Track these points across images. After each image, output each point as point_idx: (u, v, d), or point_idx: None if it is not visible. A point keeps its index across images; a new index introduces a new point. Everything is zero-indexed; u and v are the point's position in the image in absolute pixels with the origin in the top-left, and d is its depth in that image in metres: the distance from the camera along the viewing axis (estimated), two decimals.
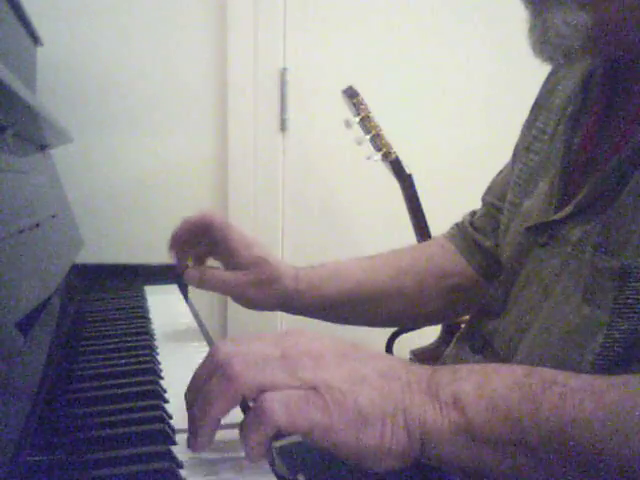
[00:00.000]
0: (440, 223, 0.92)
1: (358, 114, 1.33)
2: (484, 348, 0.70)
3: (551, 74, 0.75)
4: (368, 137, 1.33)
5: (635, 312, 0.50)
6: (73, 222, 1.10)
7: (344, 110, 1.36)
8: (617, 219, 0.53)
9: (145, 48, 1.56)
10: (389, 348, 1.47)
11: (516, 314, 0.65)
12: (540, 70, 0.69)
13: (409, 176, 1.34)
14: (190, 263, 0.84)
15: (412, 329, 1.44)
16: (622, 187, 0.54)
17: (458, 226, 0.88)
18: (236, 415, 0.47)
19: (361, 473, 0.47)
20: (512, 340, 0.64)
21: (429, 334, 1.43)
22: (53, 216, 0.87)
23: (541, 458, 0.43)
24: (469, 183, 1.08)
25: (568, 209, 0.59)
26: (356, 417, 0.44)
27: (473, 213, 0.87)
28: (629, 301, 0.51)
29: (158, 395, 0.60)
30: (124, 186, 1.59)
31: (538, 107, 0.75)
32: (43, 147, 1.03)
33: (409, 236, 1.35)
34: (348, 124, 1.34)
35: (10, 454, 0.42)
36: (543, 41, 0.57)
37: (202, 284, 0.80)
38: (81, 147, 1.41)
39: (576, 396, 0.43)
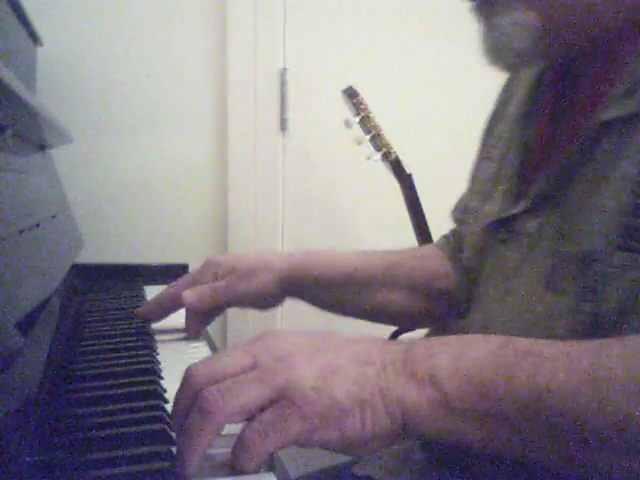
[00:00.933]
0: (440, 223, 0.92)
1: (358, 114, 1.33)
2: None
3: (506, 85, 0.78)
4: (368, 137, 1.33)
5: (598, 295, 0.52)
6: (73, 222, 1.10)
7: (344, 110, 1.36)
8: (572, 207, 0.55)
9: (145, 48, 1.56)
10: None
11: (481, 311, 0.66)
12: None
13: (409, 176, 1.34)
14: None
15: (410, 330, 1.43)
16: (575, 179, 0.56)
17: (445, 237, 0.90)
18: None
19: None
20: None
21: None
22: (53, 216, 0.87)
23: (518, 428, 0.44)
24: None
25: (524, 203, 0.61)
26: (335, 413, 0.44)
27: (452, 230, 0.90)
28: (592, 284, 0.52)
29: (158, 395, 0.59)
30: (124, 186, 1.59)
31: (495, 117, 0.78)
32: (43, 147, 1.03)
33: (409, 236, 1.35)
34: (348, 124, 1.34)
35: (10, 454, 0.42)
36: (495, 45, 0.60)
37: (204, 307, 0.78)
38: (81, 147, 1.42)
39: (550, 365, 0.43)
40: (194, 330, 0.80)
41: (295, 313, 1.35)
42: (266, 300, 0.81)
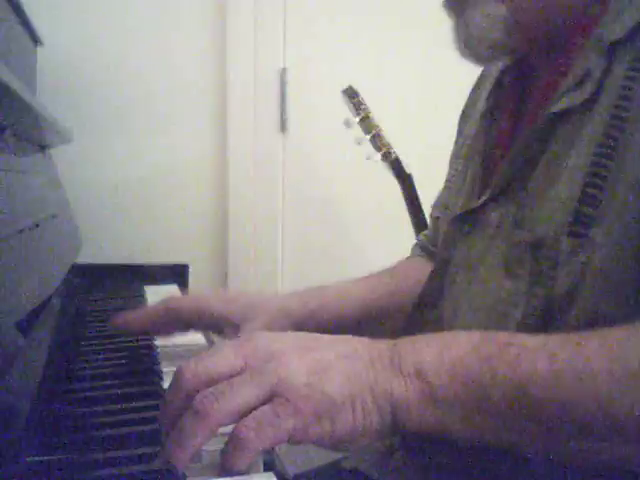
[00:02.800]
0: None
1: (358, 114, 1.33)
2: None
3: (474, 88, 0.81)
4: (368, 137, 1.33)
5: (550, 279, 0.54)
6: (73, 222, 1.10)
7: (344, 110, 1.36)
8: (529, 198, 0.58)
9: (145, 48, 1.56)
10: None
11: (450, 301, 0.67)
12: None
13: (409, 176, 1.34)
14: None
15: None
16: (532, 168, 0.58)
17: (417, 245, 0.91)
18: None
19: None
20: (449, 325, 0.66)
21: None
22: (53, 216, 0.87)
23: (503, 418, 0.45)
24: None
25: (485, 195, 0.63)
26: (327, 407, 0.45)
27: (426, 233, 0.92)
28: (543, 269, 0.54)
29: (158, 395, 0.59)
30: (124, 186, 1.59)
31: (465, 116, 0.81)
32: (43, 147, 1.03)
33: (409, 236, 1.35)
34: (348, 124, 1.34)
35: (10, 454, 0.42)
36: (467, 38, 0.62)
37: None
38: (81, 147, 1.41)
39: (531, 354, 0.45)
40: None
41: None
42: None
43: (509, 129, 0.67)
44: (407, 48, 1.68)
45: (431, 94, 1.69)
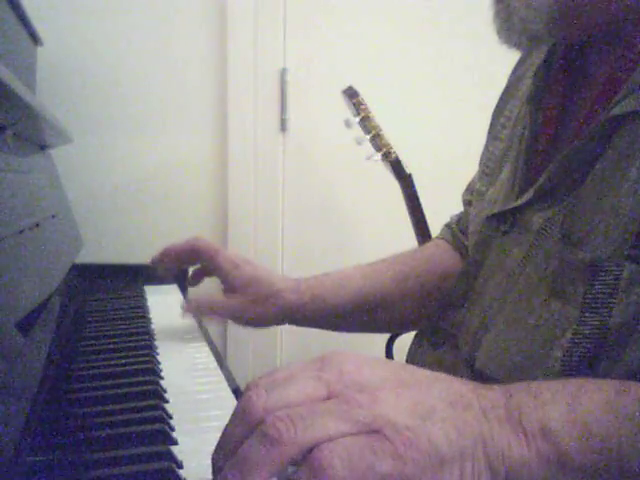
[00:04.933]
0: (440, 223, 0.92)
1: (358, 114, 1.33)
2: (444, 344, 0.68)
3: (520, 62, 0.74)
4: (368, 137, 1.33)
5: (605, 307, 0.48)
6: (73, 222, 1.10)
7: (344, 110, 1.36)
8: (580, 207, 0.52)
9: (145, 48, 1.56)
10: (389, 352, 1.47)
11: (480, 307, 0.62)
12: None
13: (409, 176, 1.34)
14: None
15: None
16: (585, 171, 0.52)
17: (447, 226, 0.88)
18: None
19: None
20: (476, 334, 0.61)
21: None
22: (53, 216, 0.87)
23: None
24: None
25: (528, 194, 0.58)
26: (432, 459, 0.36)
27: (458, 215, 0.87)
28: (599, 295, 0.49)
29: (158, 395, 0.60)
30: (124, 186, 1.59)
31: (507, 95, 0.74)
32: (43, 147, 1.03)
33: (409, 236, 1.35)
34: (348, 124, 1.34)
35: (10, 454, 0.42)
36: (507, 27, 0.57)
37: (201, 312, 0.83)
38: (81, 147, 1.41)
39: None
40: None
41: None
42: (266, 326, 0.82)
43: (555, 120, 0.61)
44: (407, 48, 1.67)
45: (431, 94, 1.69)
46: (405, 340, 1.47)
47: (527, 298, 0.55)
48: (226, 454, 0.37)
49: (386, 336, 1.48)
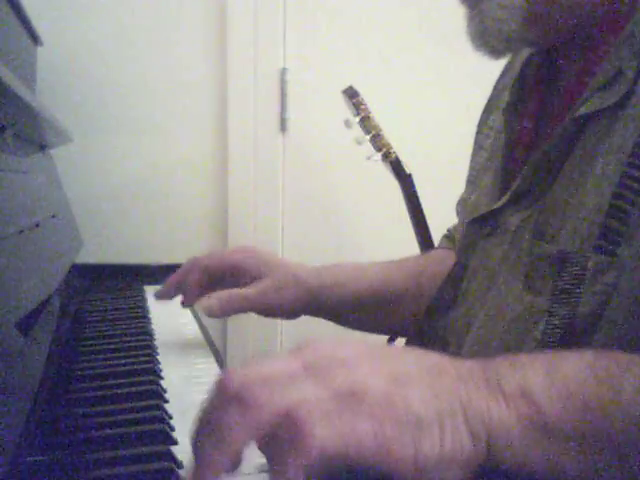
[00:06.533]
0: (440, 223, 0.92)
1: (358, 114, 1.33)
2: (434, 347, 0.68)
3: (502, 74, 0.77)
4: (368, 137, 1.33)
5: (573, 297, 0.50)
6: (73, 222, 1.10)
7: (344, 110, 1.36)
8: (551, 205, 0.54)
9: (145, 48, 1.56)
10: None
11: (465, 308, 0.64)
12: None
13: (409, 176, 1.34)
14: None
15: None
16: (556, 172, 0.54)
17: (446, 237, 0.89)
18: None
19: None
20: (461, 334, 0.63)
21: None
22: (53, 216, 0.87)
23: (624, 453, 0.37)
24: None
25: (505, 197, 0.60)
26: (410, 421, 0.36)
27: (454, 225, 0.88)
28: (567, 287, 0.50)
29: (158, 395, 0.60)
30: (124, 186, 1.59)
31: (490, 106, 0.77)
32: (43, 147, 1.03)
33: (409, 236, 1.35)
34: (348, 124, 1.34)
35: (10, 454, 0.42)
36: (482, 30, 0.58)
37: (224, 311, 0.74)
38: (81, 147, 1.41)
39: None
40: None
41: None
42: (288, 314, 0.79)
43: (532, 127, 0.63)
44: (407, 48, 1.67)
45: (431, 94, 1.69)
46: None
47: (505, 294, 0.57)
48: (203, 427, 0.36)
49: (385, 338, 1.48)
